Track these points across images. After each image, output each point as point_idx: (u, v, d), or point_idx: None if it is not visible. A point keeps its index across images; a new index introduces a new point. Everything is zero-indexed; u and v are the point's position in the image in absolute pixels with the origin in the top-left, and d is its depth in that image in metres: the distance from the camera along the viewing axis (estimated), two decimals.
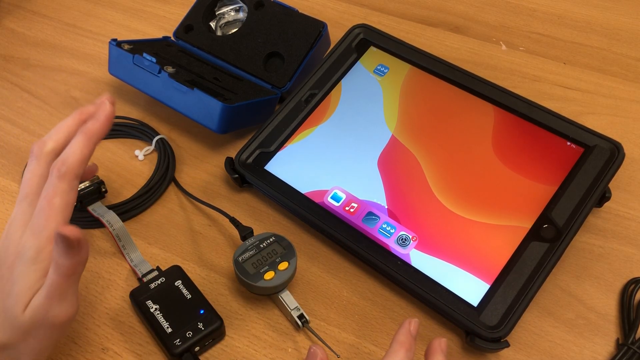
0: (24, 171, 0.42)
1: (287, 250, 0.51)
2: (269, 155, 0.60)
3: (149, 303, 0.49)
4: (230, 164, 0.60)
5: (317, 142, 0.60)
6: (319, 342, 0.49)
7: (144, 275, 0.52)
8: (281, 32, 0.68)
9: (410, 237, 0.53)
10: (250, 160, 0.60)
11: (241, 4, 0.73)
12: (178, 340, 0.47)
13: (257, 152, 0.60)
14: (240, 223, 0.55)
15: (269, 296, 0.52)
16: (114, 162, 0.63)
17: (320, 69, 0.63)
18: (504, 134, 0.57)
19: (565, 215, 0.51)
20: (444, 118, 0.59)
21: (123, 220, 0.57)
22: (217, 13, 0.74)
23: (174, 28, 0.74)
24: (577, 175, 0.53)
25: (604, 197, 0.54)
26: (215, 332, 0.48)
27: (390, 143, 0.58)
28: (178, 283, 0.51)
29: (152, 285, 0.50)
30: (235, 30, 0.72)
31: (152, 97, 0.63)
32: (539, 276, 0.48)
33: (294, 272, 0.50)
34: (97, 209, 0.57)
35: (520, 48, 0.75)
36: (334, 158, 0.59)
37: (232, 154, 0.62)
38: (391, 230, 0.53)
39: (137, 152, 0.64)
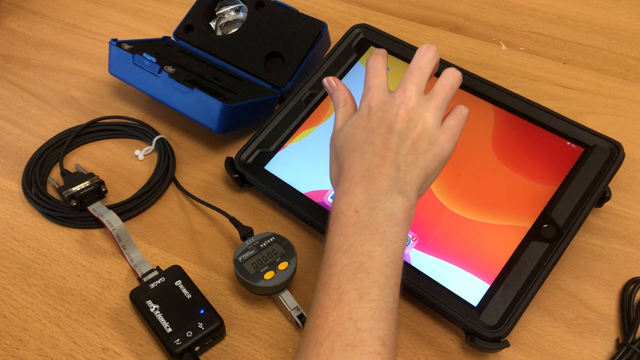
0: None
1: (287, 250, 0.51)
2: (269, 155, 0.60)
3: (149, 303, 0.49)
4: (230, 164, 0.60)
5: (317, 142, 0.60)
6: None
7: (144, 275, 0.52)
8: (281, 32, 0.68)
9: (410, 237, 0.53)
10: (250, 160, 0.60)
11: (241, 4, 0.73)
12: (178, 340, 0.47)
13: (257, 152, 0.60)
14: (240, 223, 0.55)
15: (269, 296, 0.52)
16: (114, 162, 0.63)
17: (320, 68, 0.63)
18: (504, 134, 0.57)
19: (565, 215, 0.51)
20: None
21: (123, 220, 0.57)
22: (217, 13, 0.74)
23: (174, 28, 0.74)
24: (577, 175, 0.53)
25: (604, 197, 0.54)
26: (215, 332, 0.48)
27: None
28: (178, 283, 0.51)
29: (152, 285, 0.50)
30: (235, 30, 0.72)
31: (152, 97, 0.63)
32: (539, 276, 0.48)
33: (294, 272, 0.50)
34: (97, 208, 0.57)
35: (520, 48, 0.75)
36: None
37: (232, 154, 0.62)
38: None
39: (137, 152, 0.64)
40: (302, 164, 0.59)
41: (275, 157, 0.60)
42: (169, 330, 0.47)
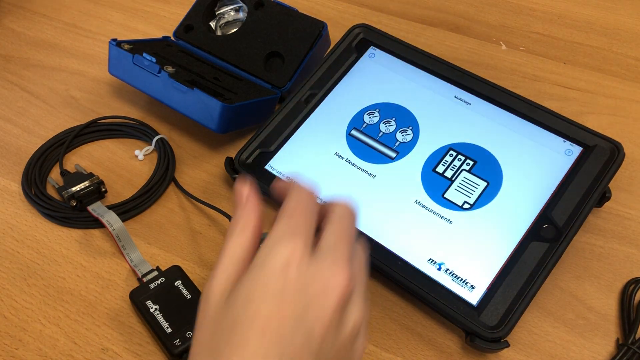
0: None
1: None
2: (269, 155, 0.60)
3: (149, 303, 0.49)
4: (230, 164, 0.60)
5: None
6: None
7: (144, 275, 0.52)
8: (281, 32, 0.68)
9: None
10: (250, 160, 0.60)
11: (241, 4, 0.73)
12: (178, 340, 0.47)
13: (257, 152, 0.60)
14: None
15: None
16: (114, 162, 0.63)
17: (320, 69, 0.63)
18: None
19: (565, 215, 0.51)
20: None
21: (123, 220, 0.57)
22: (217, 13, 0.74)
23: (174, 28, 0.74)
24: (577, 175, 0.53)
25: (604, 197, 0.54)
26: None
27: None
28: (178, 283, 0.51)
29: (152, 286, 0.50)
30: (235, 30, 0.72)
31: (152, 97, 0.63)
32: (539, 276, 0.48)
33: None
34: (97, 209, 0.57)
35: (520, 48, 0.75)
36: None
37: (232, 154, 0.62)
38: None
39: (137, 152, 0.64)
40: None
41: (275, 157, 0.60)
42: (169, 330, 0.47)
